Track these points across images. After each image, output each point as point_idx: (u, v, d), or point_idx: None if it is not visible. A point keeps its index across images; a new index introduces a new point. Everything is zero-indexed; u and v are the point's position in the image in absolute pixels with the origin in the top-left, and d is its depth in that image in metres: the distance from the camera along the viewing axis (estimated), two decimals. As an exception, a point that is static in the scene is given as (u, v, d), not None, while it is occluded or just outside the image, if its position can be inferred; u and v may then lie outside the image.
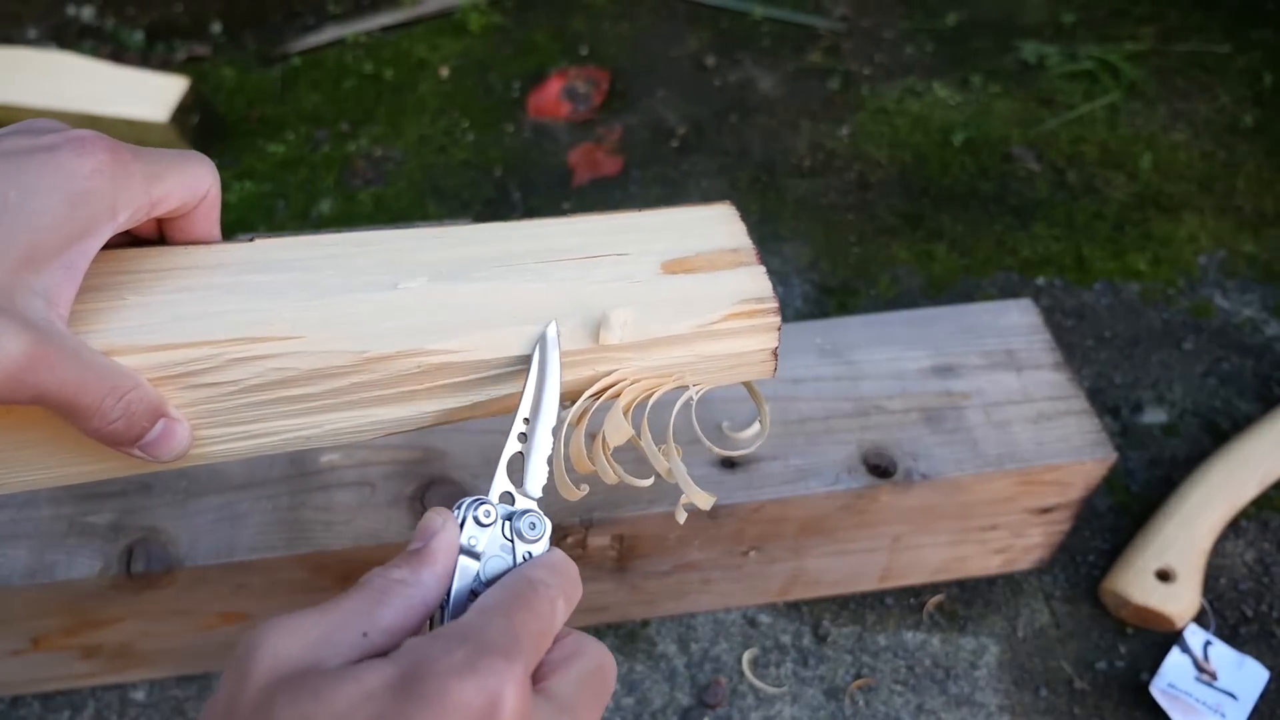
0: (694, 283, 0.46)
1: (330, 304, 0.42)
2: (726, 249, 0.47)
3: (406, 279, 0.43)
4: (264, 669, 0.28)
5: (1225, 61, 1.34)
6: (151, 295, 0.40)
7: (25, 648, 0.65)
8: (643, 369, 0.45)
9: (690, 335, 0.45)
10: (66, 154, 0.35)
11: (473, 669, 0.28)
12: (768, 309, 0.45)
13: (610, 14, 1.49)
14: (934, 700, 0.72)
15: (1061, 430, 0.68)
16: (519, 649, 0.30)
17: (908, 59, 1.38)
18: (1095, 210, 1.13)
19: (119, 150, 0.37)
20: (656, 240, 0.47)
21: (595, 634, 0.75)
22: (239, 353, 0.40)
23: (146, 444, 0.39)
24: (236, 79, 1.38)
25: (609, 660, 0.35)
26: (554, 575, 0.36)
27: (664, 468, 0.47)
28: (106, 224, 0.36)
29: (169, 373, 0.39)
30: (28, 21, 1.49)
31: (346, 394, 0.42)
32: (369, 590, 0.32)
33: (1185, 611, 0.73)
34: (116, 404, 0.37)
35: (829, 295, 1.04)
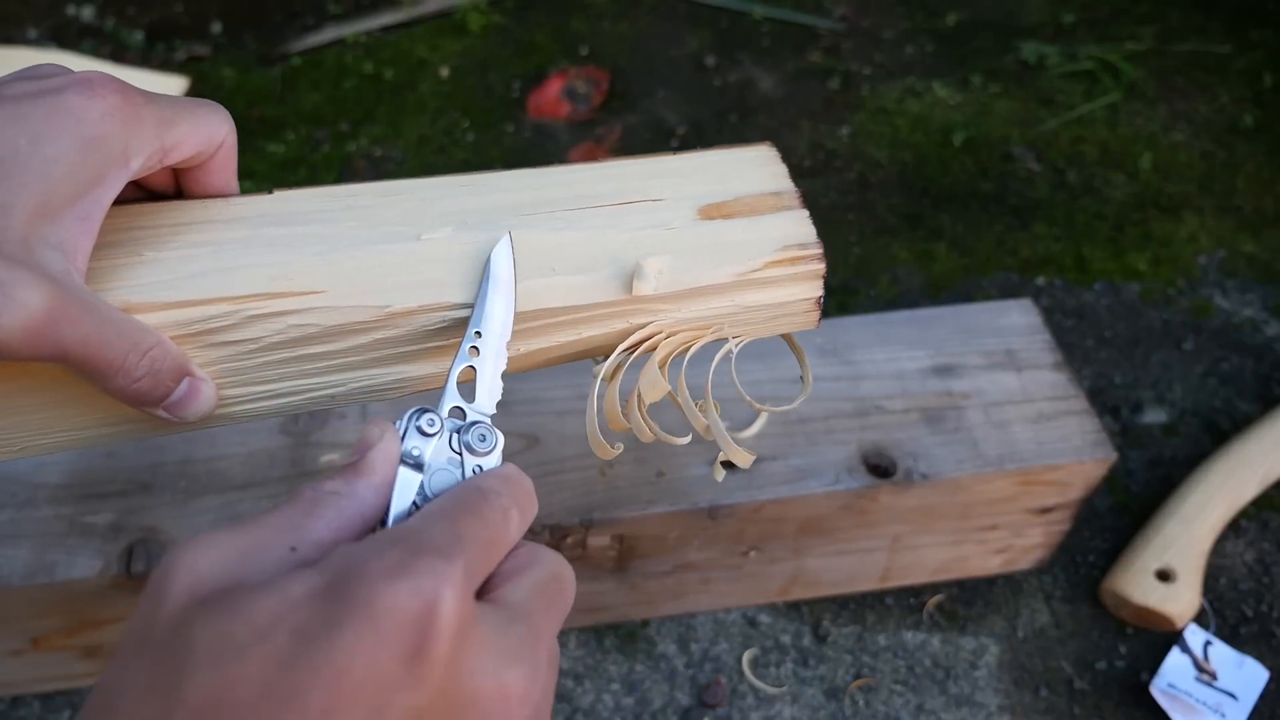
0: (732, 228, 0.43)
1: (352, 257, 0.40)
2: (768, 192, 0.45)
3: (430, 230, 0.42)
4: (180, 589, 0.26)
5: (1225, 61, 1.34)
6: (169, 250, 0.39)
7: (25, 648, 0.65)
8: (679, 321, 0.43)
9: (729, 284, 0.42)
10: (75, 96, 0.34)
11: (406, 570, 0.25)
12: (812, 255, 0.43)
13: (610, 14, 1.49)
14: (934, 700, 0.72)
15: (1061, 430, 0.68)
16: (459, 550, 0.27)
17: (908, 59, 1.38)
18: (1095, 210, 1.13)
19: (129, 93, 0.35)
20: (693, 184, 0.45)
21: (595, 634, 0.75)
22: (259, 309, 0.39)
23: (172, 403, 0.38)
24: (236, 79, 1.38)
25: (566, 569, 0.33)
26: (505, 485, 0.33)
27: (702, 425, 0.44)
28: (120, 171, 0.35)
29: (189, 330, 0.38)
30: (28, 21, 1.49)
31: (371, 350, 0.41)
32: (298, 503, 0.30)
33: (1185, 611, 0.73)
34: (140, 361, 0.36)
35: (829, 295, 1.04)
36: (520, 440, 0.67)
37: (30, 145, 0.33)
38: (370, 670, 0.24)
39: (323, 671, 0.24)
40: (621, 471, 0.65)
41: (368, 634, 0.24)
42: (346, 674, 0.24)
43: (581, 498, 0.64)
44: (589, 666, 0.74)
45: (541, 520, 0.63)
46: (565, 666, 0.74)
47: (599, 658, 0.74)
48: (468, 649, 0.26)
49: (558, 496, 0.64)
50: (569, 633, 0.75)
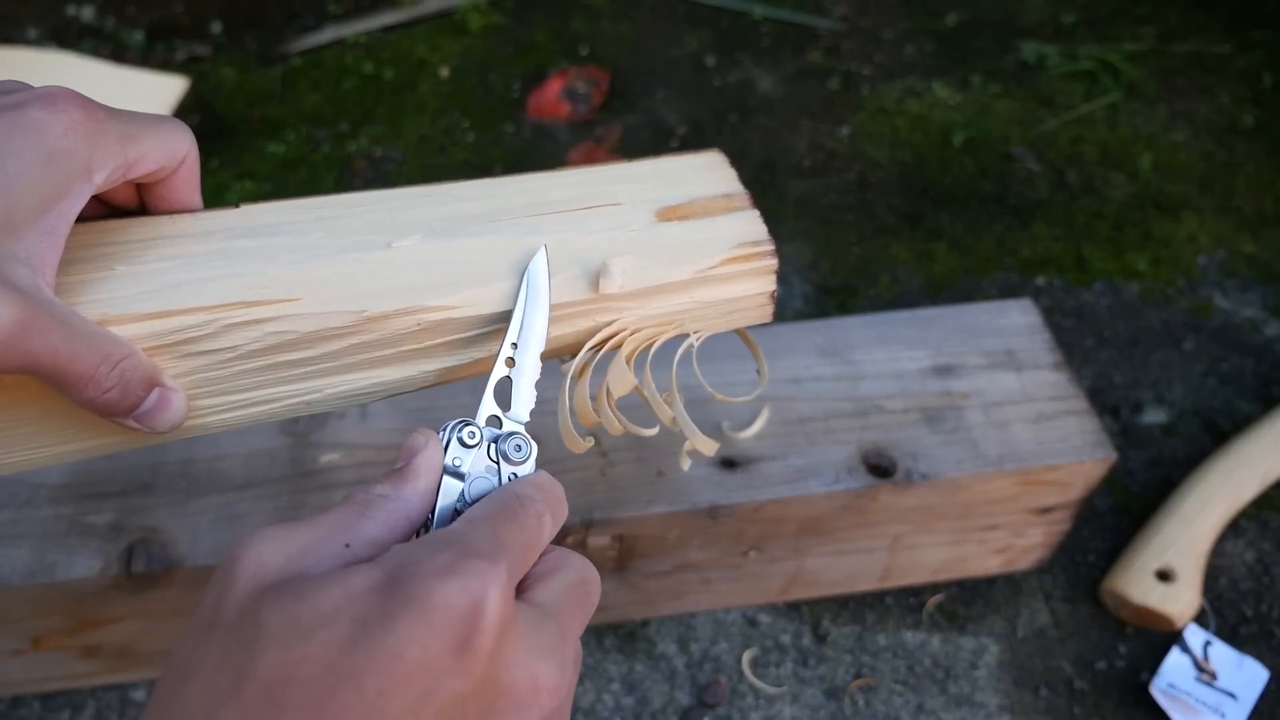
0: (689, 229, 0.46)
1: (325, 265, 0.41)
2: (720, 194, 0.47)
3: (399, 238, 0.43)
4: (248, 576, 0.28)
5: (1225, 61, 1.34)
6: (141, 264, 0.39)
7: (25, 647, 0.65)
8: (642, 318, 0.45)
9: (689, 281, 0.45)
10: (37, 110, 0.34)
11: (456, 570, 0.28)
12: (764, 251, 0.46)
13: (610, 14, 1.49)
14: (934, 700, 0.72)
15: (1061, 430, 0.68)
16: (503, 554, 0.30)
17: (908, 59, 1.38)
18: (1095, 210, 1.13)
19: (92, 107, 0.36)
20: (649, 189, 0.47)
21: (595, 634, 0.75)
22: (235, 317, 0.39)
23: (141, 414, 0.38)
24: (237, 79, 1.38)
25: (592, 573, 0.35)
26: (540, 492, 0.35)
27: (668, 416, 0.47)
28: (83, 184, 0.35)
29: (164, 341, 0.38)
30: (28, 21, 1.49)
31: (346, 355, 0.42)
32: (351, 504, 0.33)
33: (1185, 611, 0.73)
34: (110, 372, 0.36)
35: (829, 295, 1.04)
36: (520, 440, 0.67)
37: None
38: (422, 657, 0.27)
39: (379, 656, 0.26)
40: (621, 471, 0.65)
41: (421, 625, 0.27)
42: (401, 660, 0.26)
43: (581, 498, 0.64)
44: (589, 666, 0.74)
45: (541, 520, 0.63)
46: (565, 666, 0.74)
47: (599, 658, 0.74)
48: (507, 643, 0.29)
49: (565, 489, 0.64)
50: (569, 633, 0.75)
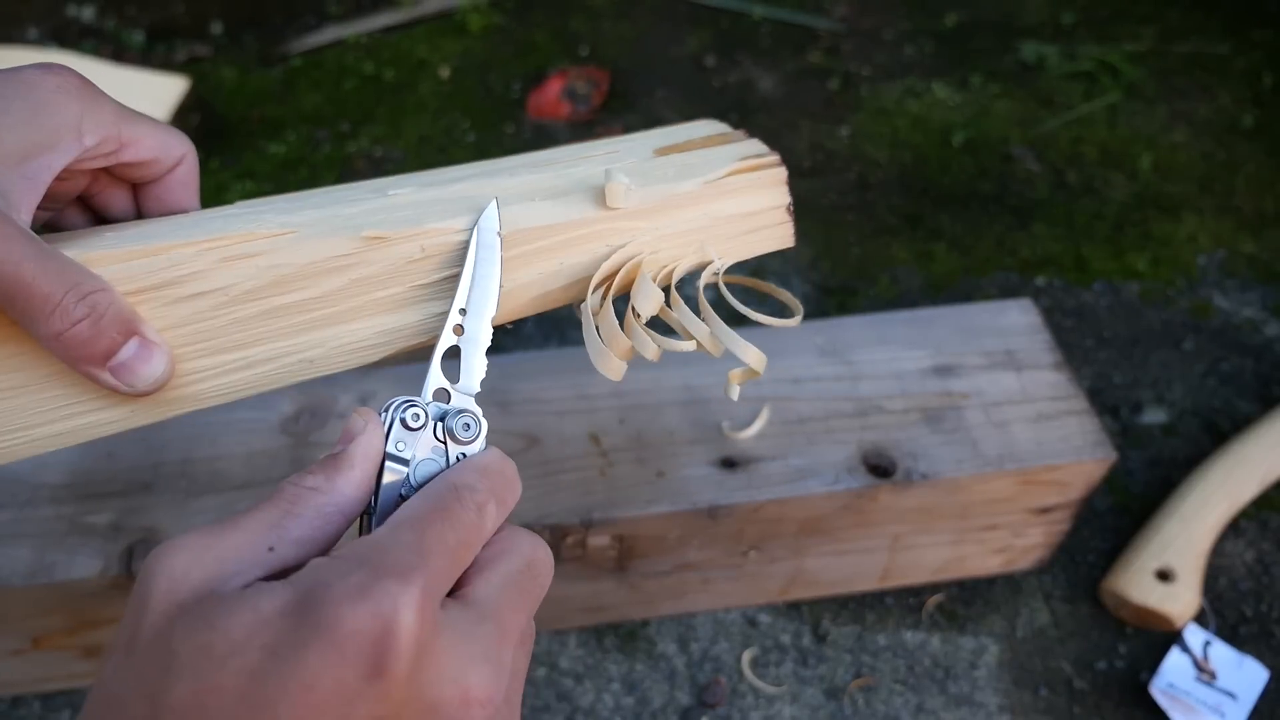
0: (689, 156, 0.45)
1: (320, 210, 0.40)
2: (716, 134, 0.48)
3: (395, 189, 0.42)
4: (161, 595, 0.27)
5: (1225, 61, 1.34)
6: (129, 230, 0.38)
7: (26, 647, 0.66)
8: (658, 239, 0.43)
9: (698, 193, 0.43)
10: (30, 72, 0.35)
11: (366, 594, 0.26)
12: (771, 161, 0.45)
13: (610, 14, 1.49)
14: (934, 700, 0.72)
15: (1061, 430, 0.68)
16: (422, 567, 0.28)
17: (908, 59, 1.38)
18: (1095, 210, 1.13)
19: (90, 83, 0.36)
20: (644, 140, 0.48)
21: (595, 634, 0.75)
22: (226, 251, 0.36)
23: (118, 364, 0.35)
24: (237, 79, 1.38)
25: (541, 553, 0.33)
26: (483, 478, 0.33)
27: (705, 332, 0.42)
28: (72, 141, 0.35)
29: (149, 283, 0.36)
30: (28, 21, 1.49)
31: (347, 296, 0.39)
32: (278, 500, 0.31)
33: (1185, 611, 0.73)
34: (79, 302, 0.33)
35: (829, 295, 1.04)
36: (520, 440, 0.67)
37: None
38: (335, 686, 0.26)
39: (291, 685, 0.26)
40: (621, 471, 0.65)
41: (331, 653, 0.26)
42: (312, 689, 0.26)
43: (581, 498, 0.64)
44: (589, 666, 0.74)
45: (542, 520, 0.63)
46: (565, 666, 0.74)
47: (599, 657, 0.74)
48: (429, 660, 0.27)
49: (558, 496, 0.64)
50: (569, 633, 0.75)
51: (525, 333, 1.01)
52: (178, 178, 0.40)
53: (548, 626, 0.75)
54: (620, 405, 0.69)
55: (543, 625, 0.75)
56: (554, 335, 1.00)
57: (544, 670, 0.73)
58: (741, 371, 0.45)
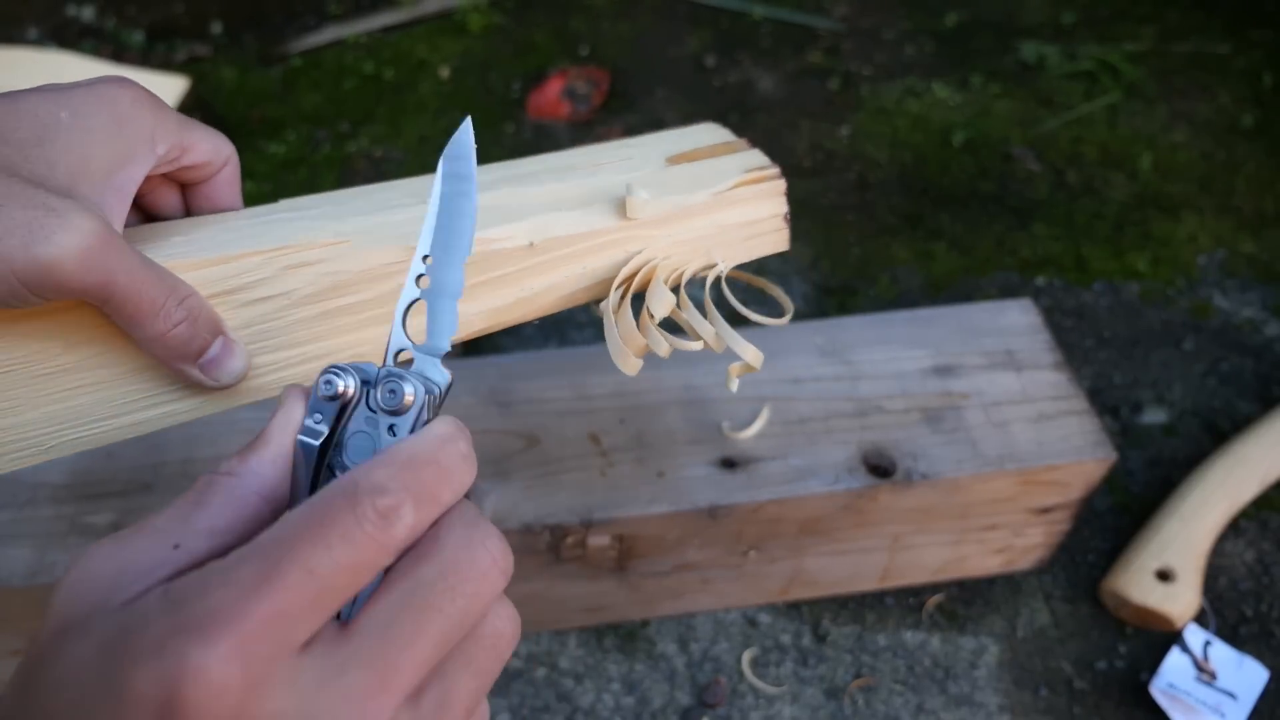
0: (698, 167, 0.50)
1: (369, 218, 0.43)
2: (721, 143, 0.52)
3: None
4: (54, 613, 0.24)
5: (1225, 61, 1.34)
6: (194, 233, 0.42)
7: (25, 647, 0.65)
8: (670, 245, 0.47)
9: (708, 205, 0.48)
10: (108, 86, 0.37)
11: (158, 651, 0.22)
12: (772, 174, 0.49)
13: (610, 14, 1.49)
14: (934, 700, 0.72)
15: (1061, 430, 0.68)
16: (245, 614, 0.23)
17: (908, 59, 1.38)
18: (1095, 210, 1.13)
19: (154, 94, 0.39)
20: (655, 147, 0.51)
21: (595, 634, 0.75)
22: (289, 260, 0.40)
23: (207, 361, 0.39)
24: (237, 79, 1.38)
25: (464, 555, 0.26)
26: (401, 473, 0.26)
27: (710, 332, 0.47)
28: (147, 152, 0.38)
29: (222, 288, 0.40)
30: (28, 21, 1.49)
31: (396, 298, 0.42)
32: (190, 492, 0.28)
33: (1185, 611, 0.73)
34: (179, 306, 0.37)
35: (829, 295, 1.04)
36: (520, 440, 0.67)
37: (71, 118, 0.36)
38: None
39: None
40: (621, 471, 0.65)
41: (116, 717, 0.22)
42: None
43: (581, 498, 0.64)
44: (589, 666, 0.74)
45: (542, 520, 0.63)
46: (565, 666, 0.74)
47: (599, 657, 0.74)
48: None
49: (558, 496, 0.64)
50: (569, 633, 0.75)
51: (525, 333, 1.01)
52: (224, 178, 0.43)
53: (548, 626, 0.75)
54: (620, 405, 0.69)
55: (543, 625, 0.75)
56: (554, 335, 1.00)
57: (544, 670, 0.73)
58: (740, 365, 0.49)
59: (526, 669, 0.73)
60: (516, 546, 0.64)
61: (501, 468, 0.65)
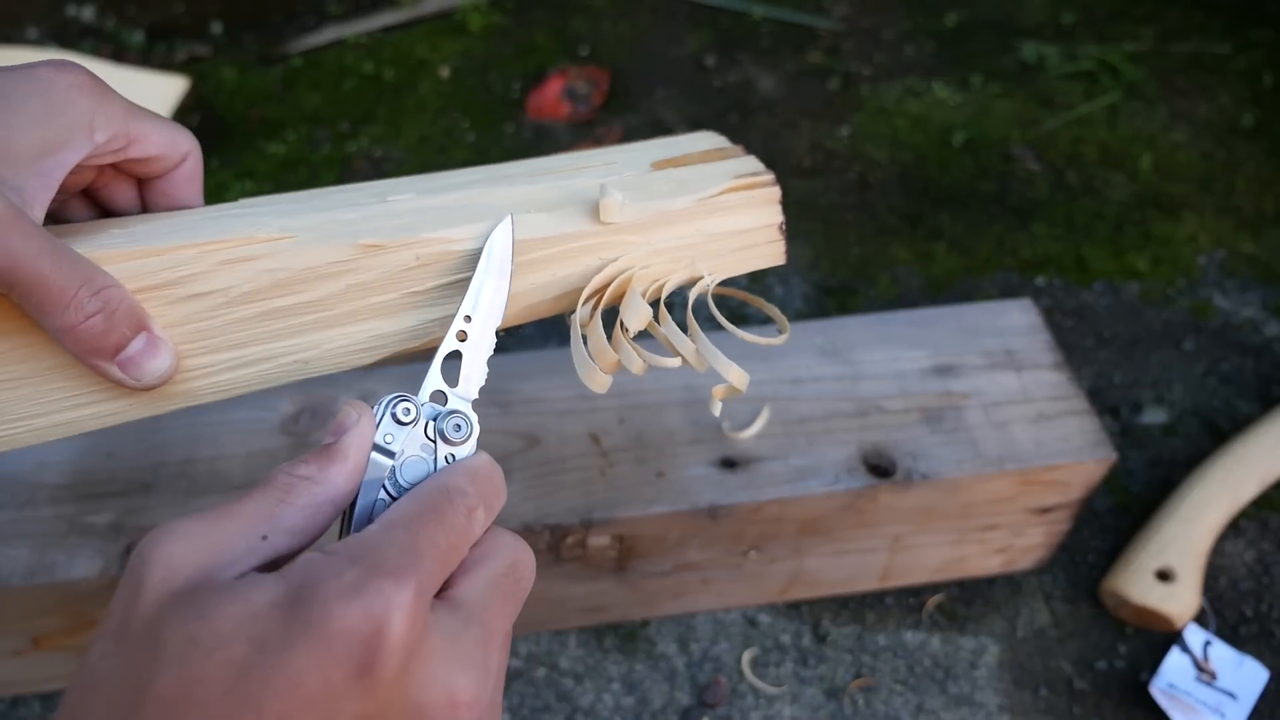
0: (685, 172, 0.45)
1: (320, 213, 0.40)
2: (713, 149, 0.48)
3: (394, 194, 0.42)
4: (156, 582, 0.27)
5: (1225, 61, 1.34)
6: (134, 228, 0.39)
7: (25, 647, 0.66)
8: (650, 254, 0.43)
9: (692, 211, 0.43)
10: (45, 69, 0.36)
11: (360, 591, 0.27)
12: (765, 181, 0.45)
13: (610, 14, 1.49)
14: (934, 700, 0.72)
15: (1061, 430, 0.68)
16: (415, 568, 0.28)
17: (908, 59, 1.38)
18: (1095, 210, 1.13)
19: (100, 80, 0.37)
20: (641, 152, 0.48)
21: (595, 634, 0.75)
22: (226, 254, 0.37)
23: (126, 359, 0.36)
24: (237, 79, 1.38)
25: (524, 555, 0.33)
26: (473, 482, 0.33)
27: (690, 349, 0.43)
28: (84, 139, 0.36)
29: (151, 282, 0.37)
30: (28, 21, 1.49)
31: (342, 301, 0.40)
32: (271, 489, 0.31)
33: (1185, 611, 0.73)
34: (92, 297, 0.35)
35: (829, 295, 1.04)
36: (520, 440, 0.67)
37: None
38: (322, 683, 0.26)
39: (277, 681, 0.25)
40: (621, 471, 0.65)
41: (320, 650, 0.26)
42: (300, 685, 0.25)
43: (581, 498, 0.64)
44: (589, 666, 0.74)
45: (542, 520, 0.63)
46: (565, 666, 0.74)
47: (599, 657, 0.74)
48: (417, 663, 0.27)
49: (558, 496, 0.64)
50: (569, 633, 0.75)
51: (525, 333, 1.01)
52: (183, 174, 0.41)
53: (548, 626, 0.75)
54: (620, 405, 0.69)
55: (543, 625, 0.75)
56: (554, 335, 1.00)
57: (544, 670, 0.73)
58: (724, 388, 0.45)
59: (526, 669, 0.73)
60: (516, 546, 0.64)
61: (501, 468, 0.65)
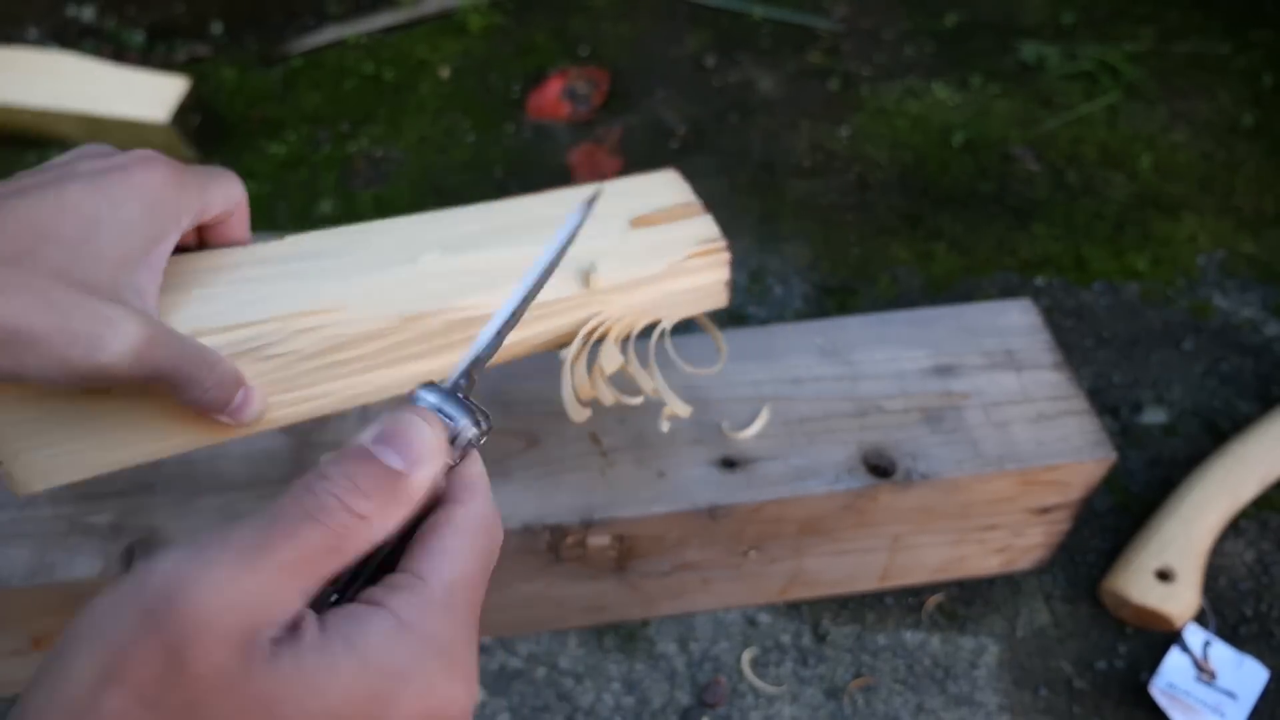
0: (657, 233, 0.55)
1: (365, 280, 0.50)
2: (679, 204, 0.57)
3: (422, 254, 0.52)
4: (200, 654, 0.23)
5: (1225, 61, 1.34)
6: (214, 288, 0.48)
7: (25, 648, 0.66)
8: (624, 307, 0.54)
9: (662, 275, 0.54)
10: (139, 172, 0.42)
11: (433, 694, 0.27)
12: (719, 247, 0.55)
13: (610, 14, 1.49)
14: (933, 700, 0.72)
15: (1061, 430, 0.68)
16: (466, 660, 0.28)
17: (908, 59, 1.38)
18: (1095, 210, 1.13)
19: (176, 166, 0.44)
20: (623, 203, 0.57)
21: (595, 634, 0.75)
22: (297, 325, 0.47)
23: (233, 409, 0.46)
24: (237, 79, 1.38)
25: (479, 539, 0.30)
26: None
27: (650, 386, 0.56)
28: (175, 228, 0.44)
29: (243, 348, 0.46)
30: (28, 21, 1.50)
31: (388, 353, 0.50)
32: (319, 527, 0.26)
33: (1185, 611, 0.73)
34: (210, 375, 0.44)
35: (829, 295, 1.04)
36: (520, 440, 0.67)
37: (110, 211, 0.41)
38: None
39: None
40: (621, 471, 0.65)
41: None
42: None
43: (581, 498, 0.64)
44: (589, 666, 0.74)
45: (542, 520, 0.63)
46: (565, 666, 0.74)
47: (599, 657, 0.74)
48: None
49: (558, 496, 0.64)
50: (569, 633, 0.75)
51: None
52: (236, 218, 0.49)
53: (548, 626, 0.75)
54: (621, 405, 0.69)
55: (543, 625, 0.75)
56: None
57: (544, 670, 0.73)
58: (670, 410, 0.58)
59: (526, 669, 0.73)
60: (516, 547, 0.64)
61: (502, 468, 0.65)
